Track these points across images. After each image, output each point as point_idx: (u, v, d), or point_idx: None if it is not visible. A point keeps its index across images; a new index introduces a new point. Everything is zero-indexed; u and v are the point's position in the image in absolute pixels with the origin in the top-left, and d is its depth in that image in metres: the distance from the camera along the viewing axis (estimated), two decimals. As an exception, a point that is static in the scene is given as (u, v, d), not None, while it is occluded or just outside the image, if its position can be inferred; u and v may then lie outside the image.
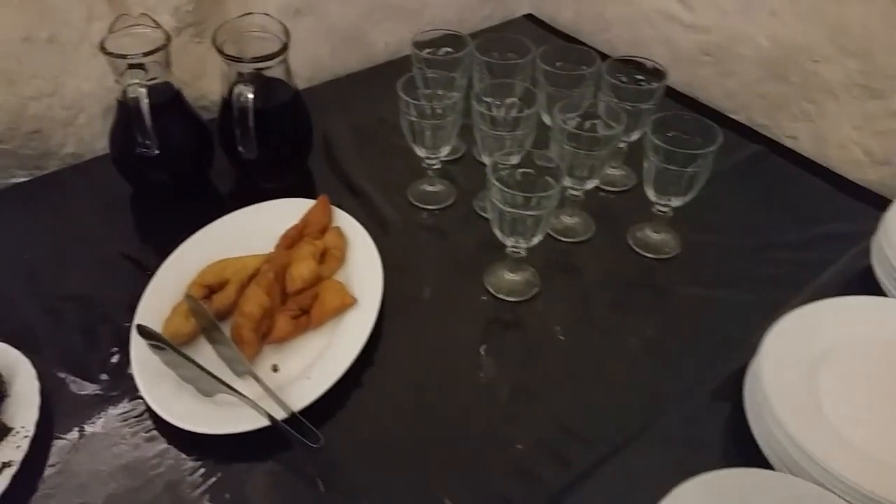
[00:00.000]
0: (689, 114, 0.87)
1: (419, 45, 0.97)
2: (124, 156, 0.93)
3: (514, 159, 0.81)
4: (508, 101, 0.91)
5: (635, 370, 0.79)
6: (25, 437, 0.68)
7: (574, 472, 0.68)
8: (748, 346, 0.73)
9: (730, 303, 0.85)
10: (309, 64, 1.21)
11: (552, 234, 0.92)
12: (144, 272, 0.86)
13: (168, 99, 0.90)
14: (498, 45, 0.99)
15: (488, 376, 0.78)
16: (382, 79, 1.22)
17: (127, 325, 0.80)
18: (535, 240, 0.80)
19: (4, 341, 0.76)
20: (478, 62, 0.96)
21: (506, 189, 0.75)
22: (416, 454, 0.71)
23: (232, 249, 0.86)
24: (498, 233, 0.80)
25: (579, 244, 0.92)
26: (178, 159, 0.94)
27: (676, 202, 0.85)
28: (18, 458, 0.67)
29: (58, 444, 0.71)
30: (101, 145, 1.08)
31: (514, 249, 0.82)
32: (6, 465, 0.67)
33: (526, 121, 0.86)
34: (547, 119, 0.95)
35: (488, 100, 0.89)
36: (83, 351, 0.79)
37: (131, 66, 0.85)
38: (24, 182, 1.04)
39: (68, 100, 1.03)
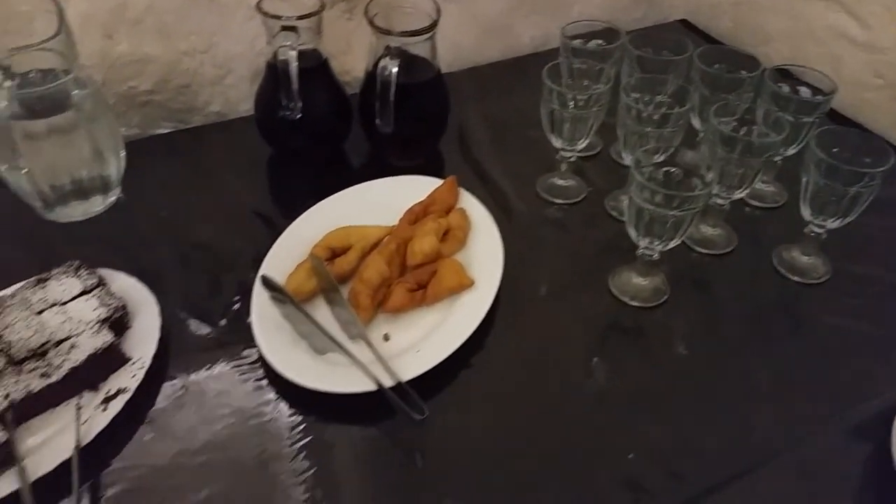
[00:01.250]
0: (856, 131, 0.79)
1: (569, 34, 0.94)
2: (267, 117, 0.95)
3: (658, 158, 0.77)
4: (658, 98, 0.86)
5: (763, 396, 0.72)
6: (141, 367, 0.70)
7: (690, 489, 0.63)
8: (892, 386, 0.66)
9: (875, 338, 0.77)
10: (451, 50, 1.20)
11: (688, 243, 0.86)
12: (272, 230, 0.87)
13: (315, 66, 0.92)
14: (651, 42, 0.95)
15: (601, 379, 0.74)
16: (523, 71, 1.21)
17: (250, 277, 0.81)
18: (672, 244, 0.75)
19: (135, 277, 0.79)
20: (629, 56, 0.92)
21: (649, 184, 0.71)
22: (517, 444, 0.68)
23: (357, 218, 0.86)
24: (632, 232, 0.76)
25: (718, 257, 0.86)
26: (319, 126, 0.95)
27: (833, 224, 0.78)
28: (133, 386, 0.69)
29: (170, 381, 0.72)
30: (245, 107, 1.12)
31: (647, 251, 0.77)
32: (121, 391, 0.68)
33: (676, 119, 0.82)
34: (695, 122, 0.90)
35: (636, 95, 0.85)
36: (206, 296, 0.81)
37: (284, 29, 0.86)
38: (168, 133, 1.09)
39: (219, 59, 1.07)
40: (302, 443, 0.67)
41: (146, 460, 0.66)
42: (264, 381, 0.73)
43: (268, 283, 0.74)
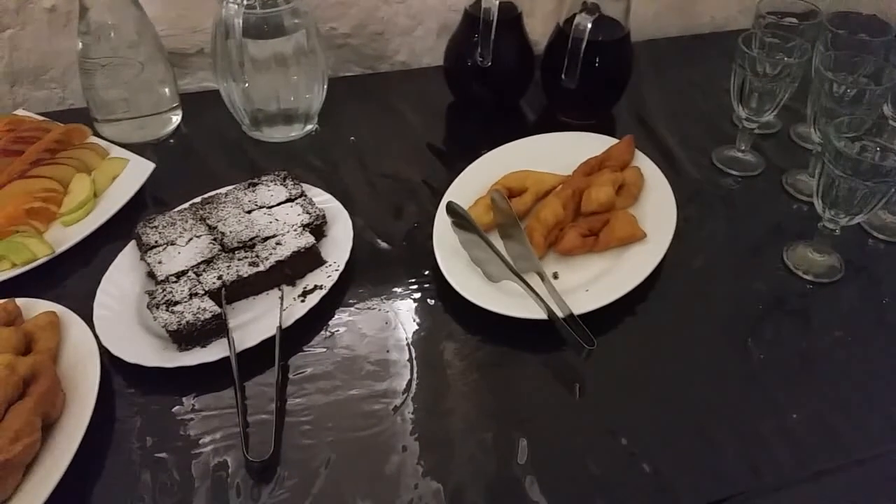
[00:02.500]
0: None
1: (765, 9, 0.94)
2: (457, 64, 1.01)
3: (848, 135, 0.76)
4: (852, 77, 0.85)
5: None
6: (336, 270, 0.77)
7: (848, 453, 0.63)
8: None
9: None
10: (631, 19, 1.21)
11: (868, 227, 0.85)
12: (449, 169, 0.93)
13: (509, 19, 0.96)
14: (848, 24, 0.93)
15: (764, 342, 0.74)
16: (701, 49, 1.21)
17: (428, 207, 0.87)
18: (858, 218, 0.74)
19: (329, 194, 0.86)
20: (825, 34, 0.91)
21: (847, 152, 0.71)
22: (674, 391, 0.70)
23: (533, 166, 0.89)
24: (818, 203, 0.76)
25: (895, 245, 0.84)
26: (504, 76, 0.99)
27: None
28: (328, 284, 0.76)
29: (357, 287, 0.79)
30: (427, 60, 1.18)
31: (831, 224, 0.76)
32: (318, 287, 0.76)
33: (871, 99, 0.80)
34: (887, 109, 0.87)
35: (829, 73, 0.84)
36: (389, 219, 0.88)
37: (489, -21, 0.91)
38: (357, 76, 1.16)
39: (414, 10, 1.13)
40: (468, 360, 0.72)
41: (333, 350, 0.73)
42: (437, 301, 0.78)
43: (452, 210, 0.79)
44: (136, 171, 0.88)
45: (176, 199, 0.87)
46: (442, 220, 0.82)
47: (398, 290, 0.80)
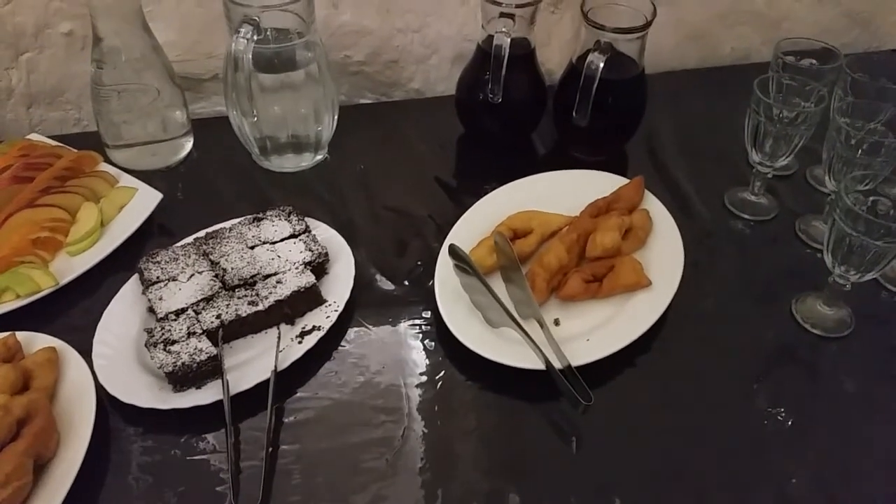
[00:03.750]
0: None
1: (783, 49, 0.92)
2: (468, 98, 1.00)
3: (862, 186, 0.74)
4: (871, 125, 0.83)
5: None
6: (336, 310, 0.77)
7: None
8: None
9: None
10: (648, 51, 1.20)
11: (882, 280, 0.83)
12: (456, 204, 0.92)
13: (523, 54, 0.95)
14: (868, 67, 0.91)
15: (767, 398, 0.73)
16: (720, 82, 1.19)
17: (434, 244, 0.86)
18: (868, 276, 0.72)
19: (334, 230, 0.86)
20: (843, 79, 0.89)
21: (859, 210, 0.69)
22: (675, 447, 0.69)
23: (540, 205, 0.89)
24: (828, 258, 0.74)
25: (911, 300, 0.82)
26: (516, 112, 0.98)
27: None
28: (327, 325, 0.76)
29: (356, 327, 0.79)
30: (441, 88, 1.18)
31: (841, 280, 0.75)
32: (316, 328, 0.75)
33: (889, 149, 0.78)
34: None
35: (846, 120, 0.82)
36: (393, 256, 0.87)
37: (502, 15, 0.90)
38: (370, 104, 1.16)
39: (429, 39, 1.13)
40: (465, 405, 0.72)
41: (328, 394, 0.73)
42: (437, 343, 0.77)
43: (454, 253, 0.79)
44: (144, 201, 0.89)
45: (182, 229, 0.88)
46: (445, 262, 0.81)
47: (398, 331, 0.79)
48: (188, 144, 1.00)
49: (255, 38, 0.83)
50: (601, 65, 0.87)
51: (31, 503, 0.60)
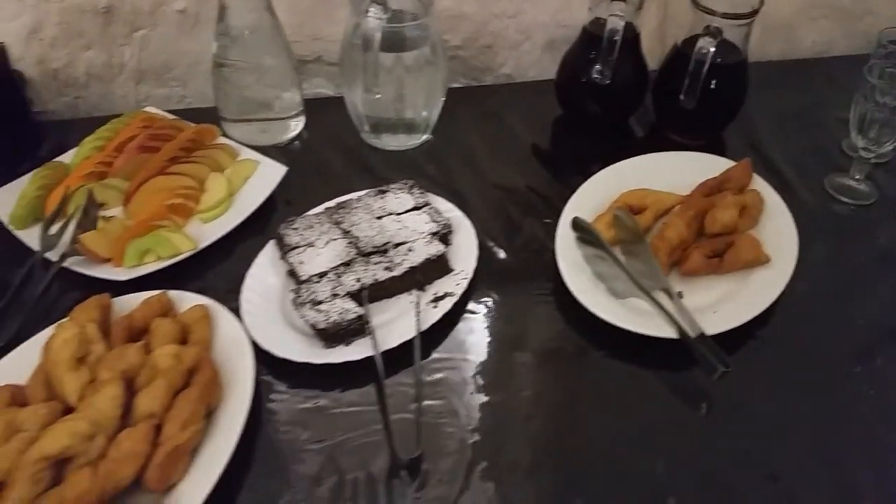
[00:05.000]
0: None
1: (887, 38, 0.94)
2: (570, 81, 1.03)
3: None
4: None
5: None
6: (465, 278, 0.80)
7: None
8: None
9: None
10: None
11: None
12: (562, 182, 0.96)
13: (629, 38, 0.97)
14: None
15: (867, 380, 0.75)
16: (802, 74, 1.21)
17: (547, 220, 0.89)
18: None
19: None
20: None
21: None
22: (794, 420, 0.71)
23: (647, 184, 0.91)
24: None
25: None
26: (620, 94, 1.01)
27: None
28: (458, 292, 0.78)
29: (481, 295, 0.81)
30: (532, 73, 1.20)
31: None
32: (448, 294, 0.78)
33: None
34: None
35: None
36: (507, 230, 0.90)
37: (614, -1, 0.93)
38: (463, 87, 1.19)
39: (524, 25, 1.15)
40: (585, 369, 0.76)
41: (462, 354, 0.76)
42: (560, 314, 0.80)
43: (577, 225, 0.81)
44: (269, 174, 0.92)
45: (301, 201, 0.91)
46: (564, 235, 0.84)
47: (520, 301, 0.82)
48: (300, 123, 1.03)
49: (385, 16, 0.86)
50: (712, 49, 0.90)
51: (203, 449, 0.63)
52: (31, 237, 0.83)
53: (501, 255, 0.87)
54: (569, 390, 0.74)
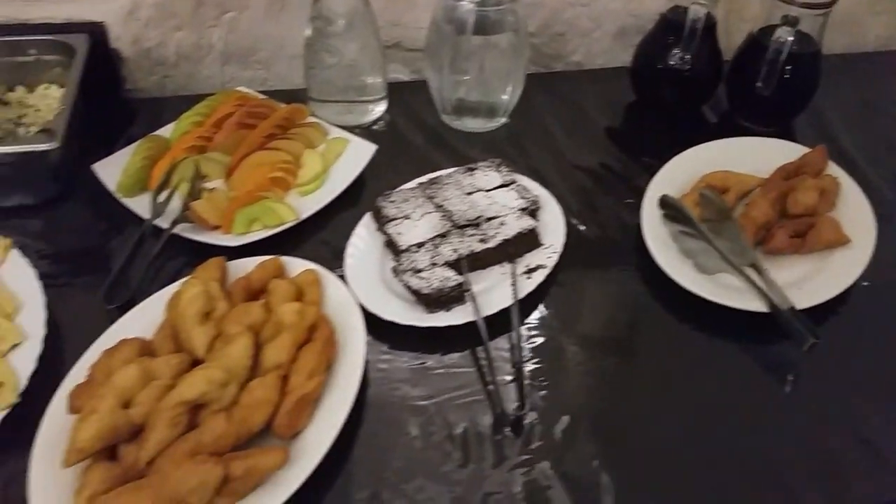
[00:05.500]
0: None
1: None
2: (647, 67, 1.06)
3: None
4: None
5: None
6: (555, 252, 0.83)
7: None
8: None
9: None
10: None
11: None
12: (639, 164, 0.99)
13: (708, 26, 1.00)
14: None
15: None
16: (869, 67, 1.23)
17: (628, 200, 0.92)
18: None
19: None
20: None
21: None
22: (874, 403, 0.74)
23: (725, 167, 0.94)
24: None
25: None
26: (697, 81, 1.04)
27: None
28: (549, 264, 0.82)
29: (571, 269, 0.84)
30: (601, 61, 1.23)
31: None
32: (540, 266, 0.82)
33: None
34: None
35: None
36: (588, 208, 0.93)
37: (694, -13, 0.95)
38: (533, 73, 1.21)
39: (596, 13, 1.18)
40: (672, 341, 0.79)
41: (554, 323, 0.79)
42: (645, 289, 0.83)
43: (665, 203, 0.84)
44: (359, 151, 0.95)
45: (388, 177, 0.94)
46: (649, 213, 0.87)
47: (606, 275, 0.85)
48: (382, 107, 1.06)
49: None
50: (790, 38, 0.92)
51: (323, 401, 0.67)
52: (136, 205, 0.87)
53: (584, 231, 0.90)
54: (656, 359, 0.77)
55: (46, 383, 0.69)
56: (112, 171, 0.91)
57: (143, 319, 0.73)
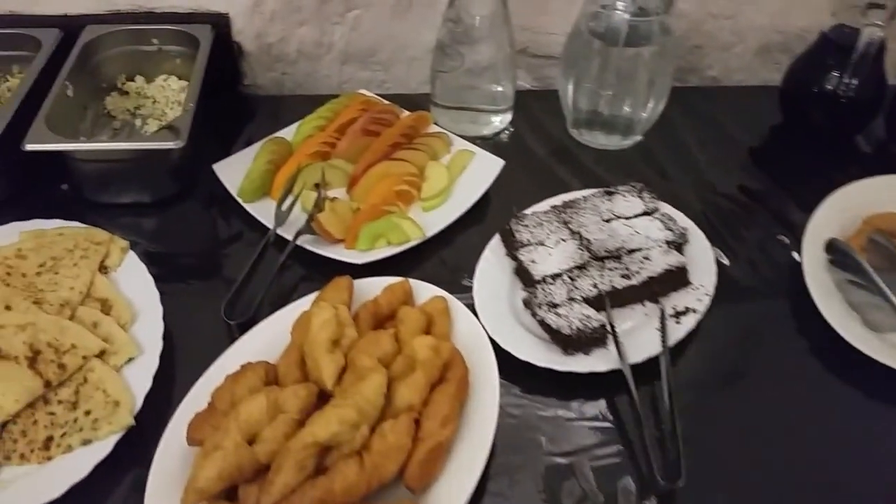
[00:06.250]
0: None
1: None
2: (799, 89, 0.96)
3: None
4: None
5: None
6: (706, 294, 0.75)
7: None
8: None
9: None
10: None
11: None
12: (789, 193, 0.92)
13: (875, 52, 0.90)
14: None
15: None
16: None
17: (781, 237, 0.84)
18: None
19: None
20: None
21: None
22: None
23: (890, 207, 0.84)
24: None
25: None
26: (857, 108, 0.94)
27: None
28: (701, 309, 0.74)
29: (715, 310, 0.76)
30: (739, 77, 1.14)
31: None
32: (690, 310, 0.74)
33: None
34: None
35: None
36: (734, 241, 0.85)
37: (871, 6, 0.85)
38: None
39: (739, 27, 1.09)
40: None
41: (702, 374, 0.72)
42: (803, 336, 0.75)
43: (832, 248, 0.76)
44: (485, 165, 0.89)
45: (513, 193, 0.88)
46: (812, 256, 0.78)
47: (758, 320, 0.77)
48: (507, 118, 1.00)
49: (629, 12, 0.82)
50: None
51: (455, 450, 0.61)
52: (257, 210, 0.84)
53: (730, 267, 0.82)
54: (813, 418, 0.69)
55: (160, 404, 0.65)
56: (232, 172, 0.87)
57: (264, 339, 0.69)
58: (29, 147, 0.79)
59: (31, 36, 0.95)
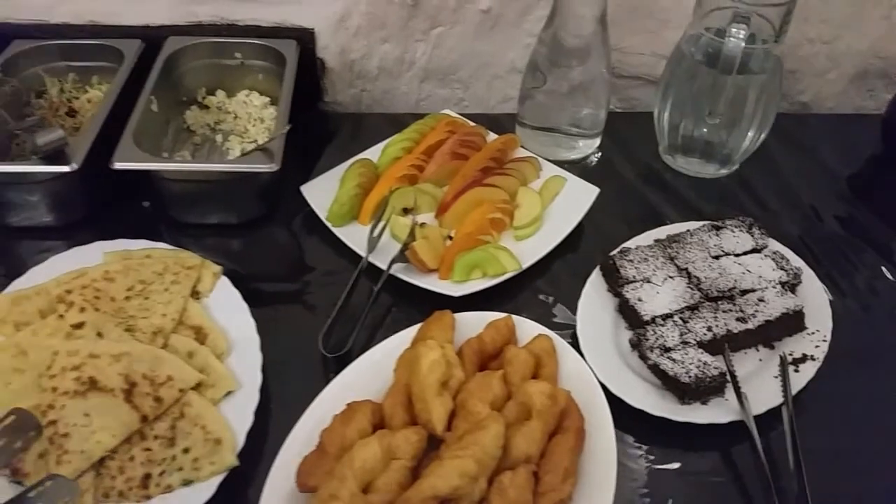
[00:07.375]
0: None
1: None
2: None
3: None
4: None
5: None
6: (824, 340, 0.71)
7: None
8: None
9: None
10: None
11: None
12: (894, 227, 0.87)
13: None
14: None
15: None
16: None
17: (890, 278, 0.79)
18: None
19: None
20: None
21: None
22: None
23: None
24: None
25: None
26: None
27: None
28: (819, 356, 0.70)
29: (835, 358, 0.72)
30: (831, 104, 1.10)
31: None
32: (809, 357, 0.70)
33: None
34: None
35: None
36: (853, 275, 0.82)
37: None
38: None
39: (836, 53, 1.05)
40: None
41: (824, 427, 0.67)
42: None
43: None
44: (578, 193, 0.86)
45: (605, 221, 0.86)
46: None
47: (877, 369, 0.72)
48: (596, 142, 0.97)
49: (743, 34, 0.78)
50: None
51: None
52: (346, 234, 0.81)
53: (840, 305, 0.78)
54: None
55: (258, 440, 0.62)
56: (319, 194, 0.85)
57: (363, 374, 0.66)
58: (118, 165, 0.77)
59: (113, 47, 0.93)
